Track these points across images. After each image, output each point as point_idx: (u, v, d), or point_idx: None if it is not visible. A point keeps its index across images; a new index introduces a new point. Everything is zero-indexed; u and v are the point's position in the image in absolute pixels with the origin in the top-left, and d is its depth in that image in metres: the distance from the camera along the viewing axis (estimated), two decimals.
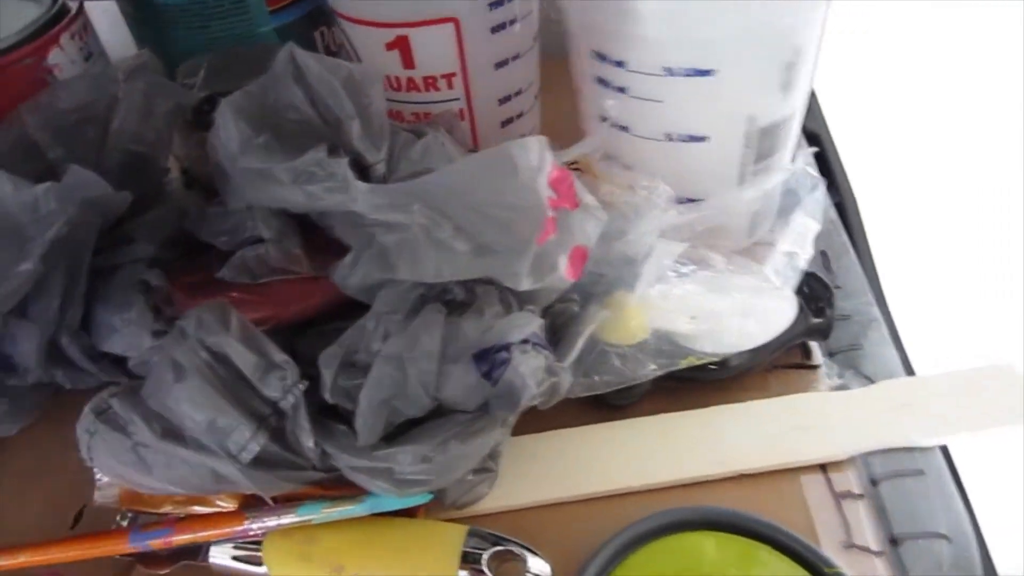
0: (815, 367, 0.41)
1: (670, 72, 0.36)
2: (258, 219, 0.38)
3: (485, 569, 0.32)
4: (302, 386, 0.32)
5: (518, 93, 0.51)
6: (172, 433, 0.33)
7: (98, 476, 0.38)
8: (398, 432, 0.33)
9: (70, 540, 0.36)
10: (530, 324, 0.32)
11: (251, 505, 0.35)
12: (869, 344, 0.41)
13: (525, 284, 0.30)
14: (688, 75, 0.36)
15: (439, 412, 0.33)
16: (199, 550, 0.36)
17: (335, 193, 0.32)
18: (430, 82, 0.47)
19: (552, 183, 0.31)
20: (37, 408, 0.44)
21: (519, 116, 0.53)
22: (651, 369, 0.36)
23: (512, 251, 0.30)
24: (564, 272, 0.31)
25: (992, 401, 0.37)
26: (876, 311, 0.43)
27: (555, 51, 0.47)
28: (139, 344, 0.39)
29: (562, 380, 0.32)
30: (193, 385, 0.32)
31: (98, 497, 0.38)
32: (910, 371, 0.41)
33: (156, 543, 0.35)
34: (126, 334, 0.39)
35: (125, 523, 0.38)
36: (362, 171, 0.35)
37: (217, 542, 0.36)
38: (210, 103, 0.48)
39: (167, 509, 0.37)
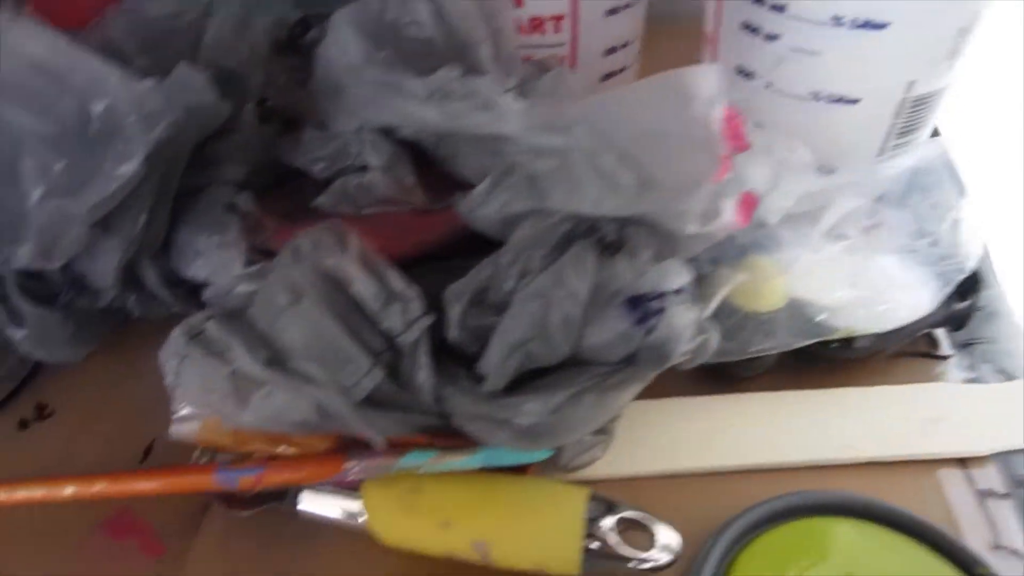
0: (945, 358, 0.38)
1: (838, 22, 0.33)
2: (367, 144, 0.36)
3: (612, 536, 0.30)
4: (427, 320, 0.30)
5: (624, 45, 0.48)
6: (277, 362, 0.30)
7: (176, 408, 0.35)
8: (522, 382, 0.31)
9: (149, 472, 0.34)
10: (685, 274, 0.29)
11: (347, 449, 0.33)
12: (1003, 338, 0.39)
13: (691, 227, 0.28)
14: (858, 27, 0.33)
15: (569, 364, 0.31)
16: (285, 494, 0.34)
17: (479, 112, 0.29)
18: (536, 24, 0.44)
19: (723, 119, 0.28)
20: (102, 335, 0.41)
21: (621, 71, 0.50)
22: (789, 340, 0.33)
23: (682, 188, 0.27)
24: (733, 218, 0.28)
25: None
26: (1004, 304, 0.40)
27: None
28: (228, 270, 0.36)
29: (711, 338, 0.30)
30: (308, 311, 0.29)
31: (174, 431, 0.35)
32: None
33: (245, 482, 0.32)
34: (214, 259, 0.37)
35: (204, 461, 0.35)
36: None
37: (309, 486, 0.33)
38: (303, 26, 0.45)
39: (250, 449, 0.35)
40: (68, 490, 0.33)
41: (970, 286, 0.37)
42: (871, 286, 0.33)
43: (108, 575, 0.33)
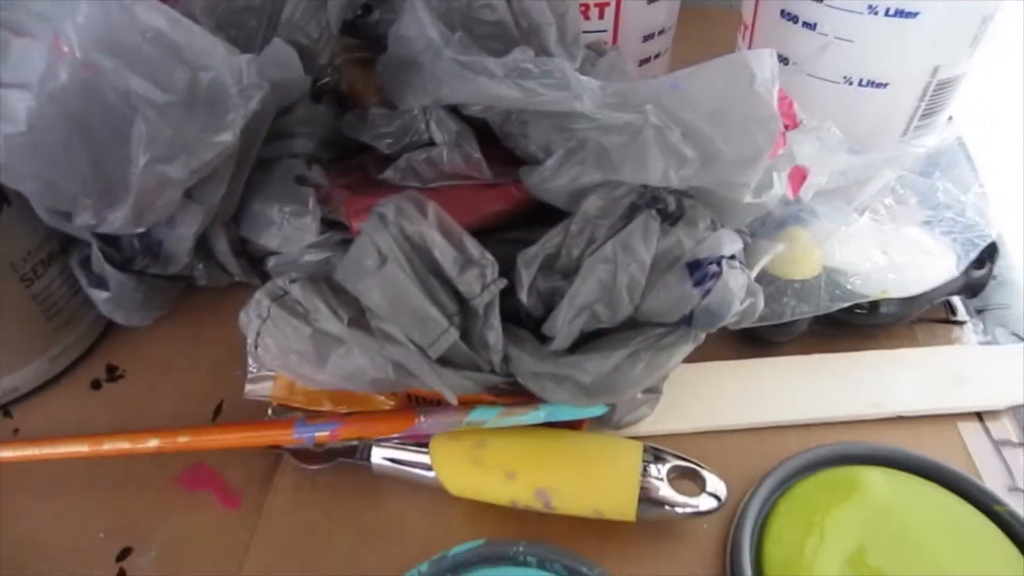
0: (962, 323, 0.41)
1: (873, 10, 0.36)
2: (433, 121, 0.38)
3: (665, 483, 0.32)
4: (500, 284, 0.32)
5: (661, 32, 0.51)
6: (358, 322, 0.32)
7: (250, 369, 0.38)
8: (579, 344, 0.33)
9: (229, 426, 0.36)
10: (737, 241, 0.32)
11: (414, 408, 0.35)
12: (1017, 304, 0.42)
13: (747, 197, 0.30)
14: (891, 16, 0.36)
15: (626, 326, 0.33)
16: (355, 450, 0.36)
17: (555, 90, 0.31)
18: (583, 9, 0.46)
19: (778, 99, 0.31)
20: (170, 302, 0.44)
21: (656, 56, 0.52)
22: (823, 305, 0.36)
23: (743, 160, 0.29)
24: (785, 190, 0.31)
25: None
26: (1017, 274, 0.43)
27: None
28: (301, 239, 0.38)
29: (758, 301, 0.32)
30: (393, 274, 0.31)
31: (248, 391, 0.38)
32: None
33: (322, 436, 0.34)
34: (287, 228, 0.39)
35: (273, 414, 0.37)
36: None
37: (378, 442, 0.35)
38: (366, 7, 0.47)
39: (320, 408, 0.37)
40: (152, 443, 0.35)
41: (987, 256, 0.40)
42: (900, 253, 0.36)
43: (187, 525, 0.35)
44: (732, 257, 0.31)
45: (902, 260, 0.36)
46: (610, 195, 0.32)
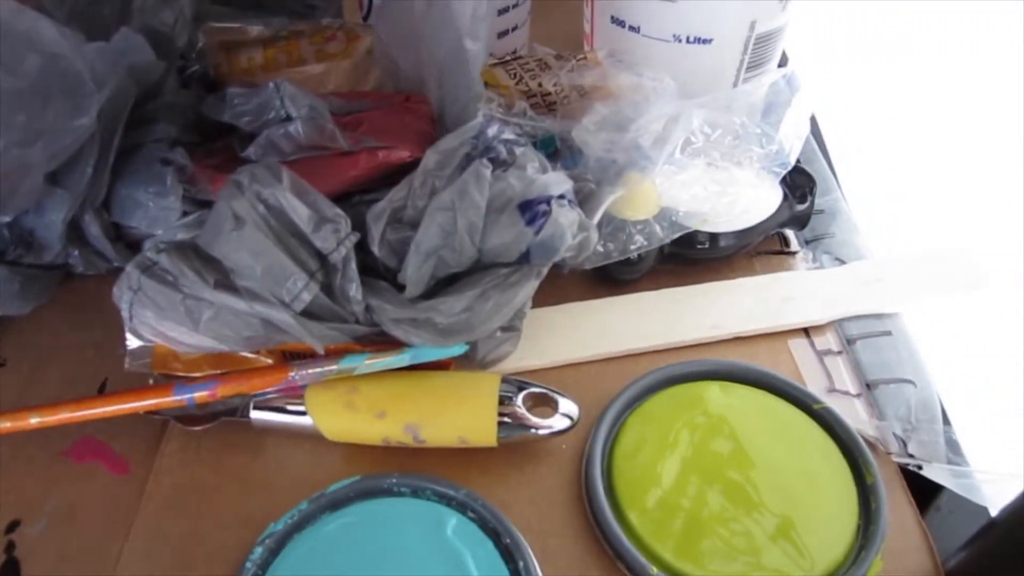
0: (794, 252, 0.45)
1: None
2: (287, 97, 0.40)
3: (521, 409, 0.35)
4: (354, 237, 0.34)
5: (515, 5, 0.54)
6: (224, 284, 0.34)
7: (128, 342, 0.39)
8: (436, 290, 0.36)
9: (110, 396, 0.37)
10: (566, 182, 0.35)
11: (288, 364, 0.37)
12: (839, 232, 0.46)
13: None
14: None
15: (474, 269, 0.36)
16: (236, 409, 0.38)
17: None
18: None
19: None
20: (47, 290, 0.44)
21: (514, 29, 0.55)
22: (661, 235, 0.40)
23: None
24: None
25: (946, 275, 0.43)
26: (843, 206, 0.48)
27: None
28: (167, 219, 0.40)
29: (591, 235, 0.36)
30: (250, 234, 0.33)
31: (129, 363, 0.39)
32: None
33: (201, 396, 0.36)
34: (154, 209, 0.40)
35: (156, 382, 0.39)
36: None
37: (257, 398, 0.37)
38: None
39: (201, 372, 0.39)
40: (33, 420, 0.36)
41: (807, 189, 0.44)
42: (719, 187, 0.40)
43: (76, 494, 0.37)
44: (562, 196, 0.34)
45: (716, 190, 0.40)
46: (446, 148, 0.34)
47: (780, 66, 0.59)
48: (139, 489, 0.37)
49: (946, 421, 0.37)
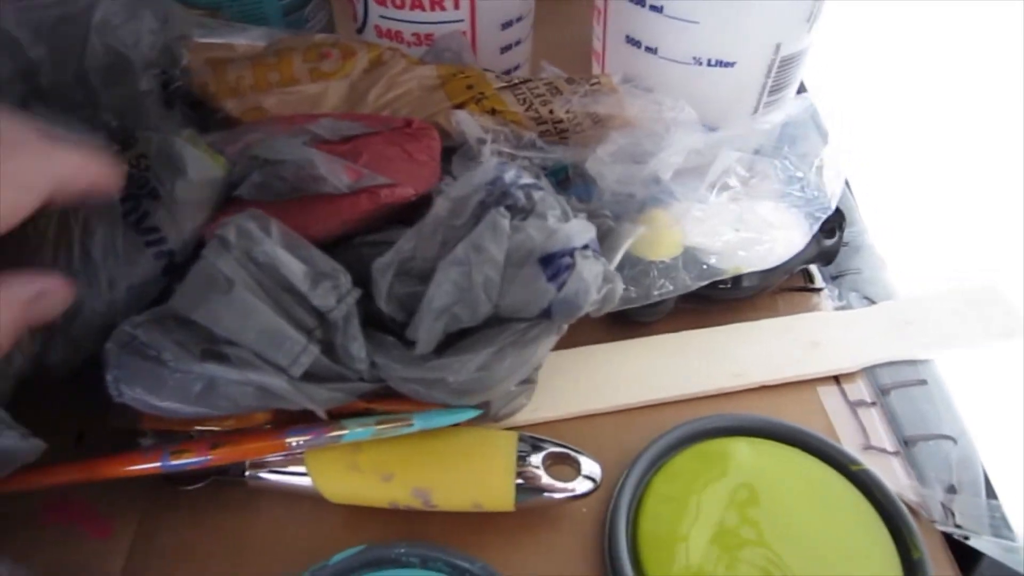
0: (819, 290, 0.43)
1: None
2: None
3: (540, 470, 0.33)
4: (356, 294, 0.31)
5: (519, 19, 0.51)
6: (213, 353, 0.31)
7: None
8: (447, 343, 0.33)
9: (92, 462, 0.34)
10: (589, 231, 0.32)
11: (289, 421, 0.34)
12: (866, 268, 0.44)
13: None
14: None
15: (490, 323, 0.33)
16: (229, 468, 0.35)
17: None
18: (436, 1, 0.46)
19: None
20: None
21: (517, 43, 0.52)
22: (688, 282, 0.37)
23: None
24: None
25: (981, 319, 0.40)
26: (868, 239, 0.46)
27: None
28: None
29: (616, 287, 0.33)
30: (240, 297, 0.30)
31: (115, 420, 0.36)
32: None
33: (192, 468, 0.33)
34: None
35: (147, 443, 0.36)
36: None
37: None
38: None
39: (195, 428, 0.36)
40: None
41: (836, 224, 0.41)
42: (751, 229, 0.37)
43: (56, 562, 0.34)
44: (585, 247, 0.32)
45: (751, 236, 0.38)
46: (458, 195, 0.31)
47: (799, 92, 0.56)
48: (122, 553, 0.34)
49: (987, 482, 0.35)
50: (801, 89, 0.57)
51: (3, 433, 0.30)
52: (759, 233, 0.37)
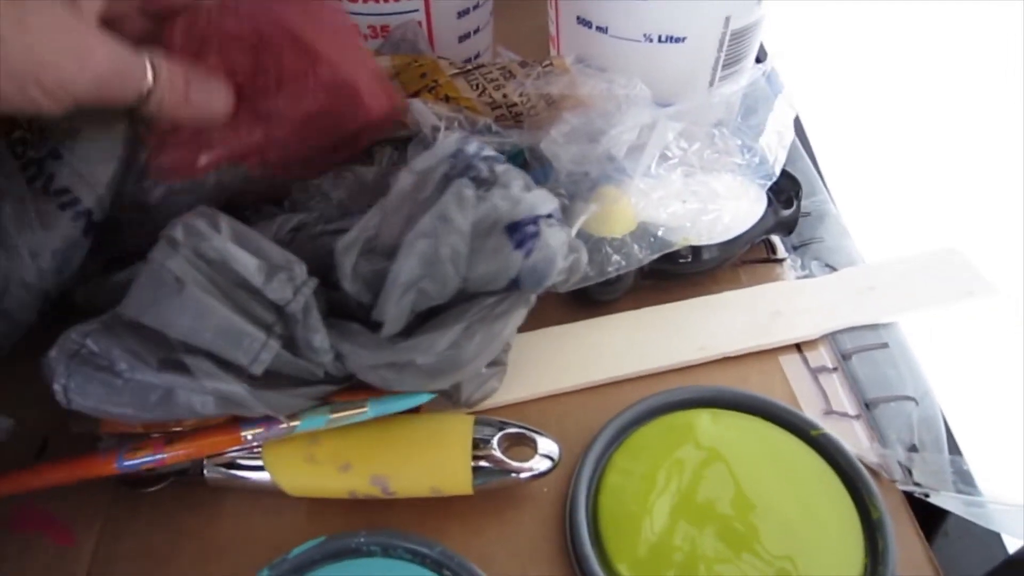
0: (781, 260, 0.43)
1: None
2: None
3: (497, 452, 0.33)
4: (312, 283, 0.31)
5: (476, 7, 0.51)
6: (171, 363, 0.30)
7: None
8: (413, 327, 0.32)
9: (47, 467, 0.34)
10: (552, 200, 0.32)
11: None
12: (828, 236, 0.44)
13: None
14: None
15: (458, 300, 0.33)
16: (187, 469, 0.35)
17: None
18: None
19: None
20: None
21: (476, 31, 0.52)
22: (640, 256, 0.37)
23: None
24: None
25: (942, 281, 0.40)
26: (831, 207, 0.46)
27: None
28: None
29: (581, 256, 0.33)
30: (193, 296, 0.29)
31: (75, 425, 0.36)
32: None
33: (147, 467, 0.33)
34: None
35: (105, 445, 0.35)
36: None
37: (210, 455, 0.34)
38: None
39: (153, 430, 0.36)
40: None
41: (792, 194, 0.41)
42: (698, 200, 0.37)
43: (17, 571, 0.33)
44: (549, 216, 0.31)
45: (697, 207, 0.37)
46: (422, 168, 0.31)
47: (758, 62, 0.56)
48: (85, 559, 0.34)
49: (951, 440, 0.35)
50: (763, 57, 0.56)
51: None
52: (704, 204, 0.37)
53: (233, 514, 0.35)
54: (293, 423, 0.33)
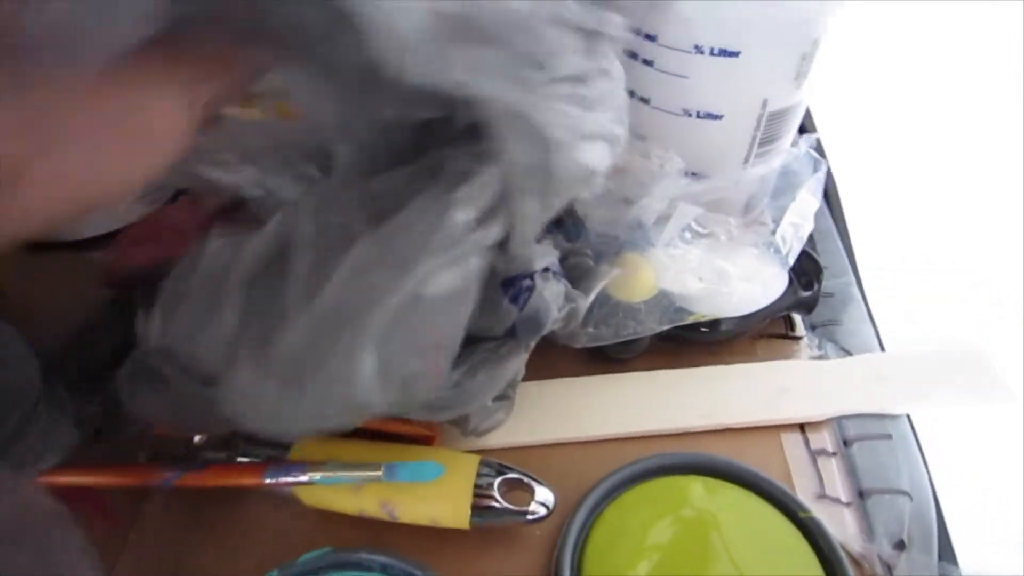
0: (798, 338, 0.44)
1: (700, 50, 0.38)
2: None
3: (496, 495, 0.35)
4: None
5: None
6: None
7: None
8: None
9: (102, 468, 0.37)
10: (550, 255, 0.34)
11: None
12: (848, 320, 0.45)
13: None
14: (715, 55, 0.38)
15: (463, 342, 0.35)
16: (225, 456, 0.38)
17: None
18: None
19: None
20: None
21: None
22: (654, 325, 0.39)
23: None
24: None
25: (960, 381, 0.41)
26: (856, 291, 0.46)
27: None
28: None
29: (579, 306, 0.35)
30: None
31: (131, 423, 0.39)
32: (882, 347, 0.45)
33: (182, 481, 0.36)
34: None
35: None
36: None
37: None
38: None
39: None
40: None
41: (814, 276, 0.42)
42: (716, 278, 0.39)
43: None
44: (546, 270, 0.34)
45: (715, 285, 0.39)
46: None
47: (802, 132, 0.57)
48: (121, 538, 0.37)
49: (946, 540, 0.35)
50: (808, 127, 0.57)
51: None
52: (718, 285, 0.39)
53: (254, 512, 0.38)
54: (307, 476, 0.36)
